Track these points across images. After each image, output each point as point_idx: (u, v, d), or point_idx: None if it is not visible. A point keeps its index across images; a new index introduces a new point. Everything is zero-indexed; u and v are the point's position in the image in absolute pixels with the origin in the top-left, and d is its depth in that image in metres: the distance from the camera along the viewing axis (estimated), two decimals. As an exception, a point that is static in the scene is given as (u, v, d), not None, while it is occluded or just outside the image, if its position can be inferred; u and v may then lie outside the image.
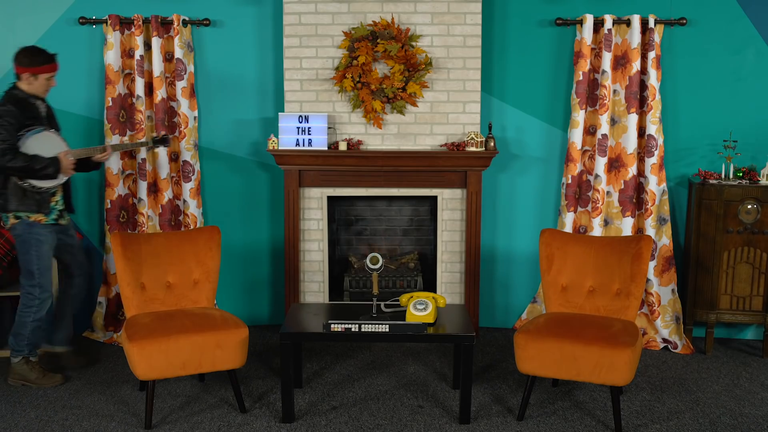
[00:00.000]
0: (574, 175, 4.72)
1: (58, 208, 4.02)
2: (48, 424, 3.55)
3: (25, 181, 3.82)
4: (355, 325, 3.51)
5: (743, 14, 4.63)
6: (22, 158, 3.73)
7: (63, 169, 3.86)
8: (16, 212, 3.87)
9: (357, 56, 4.54)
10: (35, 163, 3.76)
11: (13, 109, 3.78)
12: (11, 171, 3.77)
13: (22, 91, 3.90)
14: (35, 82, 3.89)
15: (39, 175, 3.80)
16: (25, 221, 3.89)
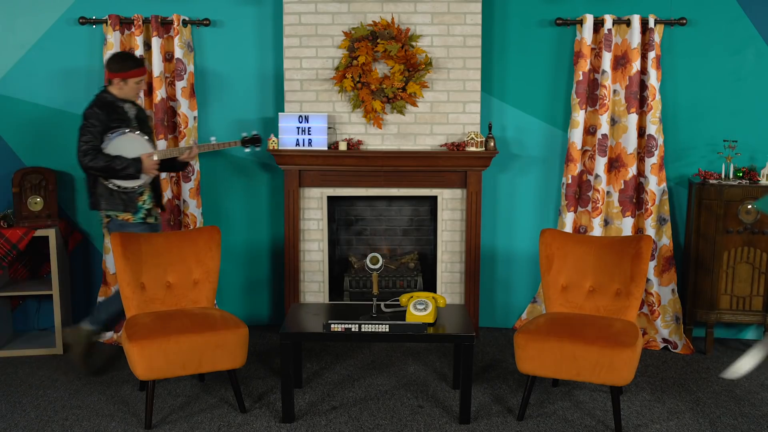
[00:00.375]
0: (574, 175, 4.72)
1: (146, 207, 4.10)
2: (48, 424, 3.55)
3: (110, 181, 3.92)
4: (355, 325, 3.51)
5: (743, 14, 4.63)
6: (102, 158, 3.84)
7: (145, 170, 3.94)
8: (107, 211, 4.01)
9: (357, 56, 4.54)
10: (116, 163, 3.86)
11: (99, 112, 3.89)
12: (93, 171, 3.88)
13: (111, 95, 4.00)
14: (125, 86, 3.98)
15: (120, 175, 3.90)
16: (115, 220, 4.03)
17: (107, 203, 3.98)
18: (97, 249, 4.92)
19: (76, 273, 4.90)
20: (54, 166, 4.71)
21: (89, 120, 3.88)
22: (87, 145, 3.85)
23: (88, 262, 4.93)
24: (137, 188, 4.00)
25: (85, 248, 4.90)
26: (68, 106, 4.75)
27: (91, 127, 3.87)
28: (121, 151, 3.91)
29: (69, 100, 4.75)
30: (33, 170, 4.54)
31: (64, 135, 4.77)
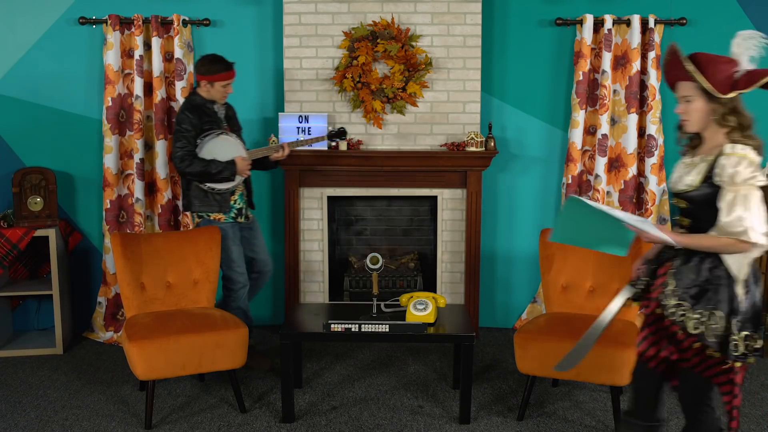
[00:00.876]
0: (575, 175, 4.72)
1: (237, 207, 4.13)
2: (48, 424, 3.55)
3: (205, 184, 3.97)
4: (355, 325, 3.51)
5: (743, 14, 4.63)
6: (199, 164, 3.90)
7: (239, 171, 3.98)
8: (199, 212, 4.07)
9: (357, 56, 4.54)
10: (211, 167, 3.91)
11: (190, 116, 3.93)
12: (190, 176, 3.94)
13: (201, 97, 4.03)
14: (212, 89, 4.01)
15: (216, 179, 3.94)
16: (206, 219, 4.09)
17: (201, 204, 4.04)
18: (97, 249, 4.92)
19: (76, 273, 4.90)
20: (54, 166, 4.71)
21: (182, 125, 3.93)
22: (182, 150, 3.90)
23: (88, 262, 4.93)
24: (230, 189, 4.04)
25: (85, 248, 4.90)
26: (68, 106, 4.75)
27: (184, 132, 3.92)
28: (215, 154, 3.95)
29: (69, 100, 4.75)
30: (33, 170, 4.54)
31: (64, 135, 4.77)
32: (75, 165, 4.81)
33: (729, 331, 2.34)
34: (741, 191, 2.31)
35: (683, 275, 2.42)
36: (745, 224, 2.28)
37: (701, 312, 2.37)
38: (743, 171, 2.31)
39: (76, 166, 4.82)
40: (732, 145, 2.36)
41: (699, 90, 2.40)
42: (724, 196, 2.34)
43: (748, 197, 2.30)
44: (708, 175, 2.40)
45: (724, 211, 2.33)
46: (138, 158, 4.68)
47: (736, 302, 2.35)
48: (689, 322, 2.38)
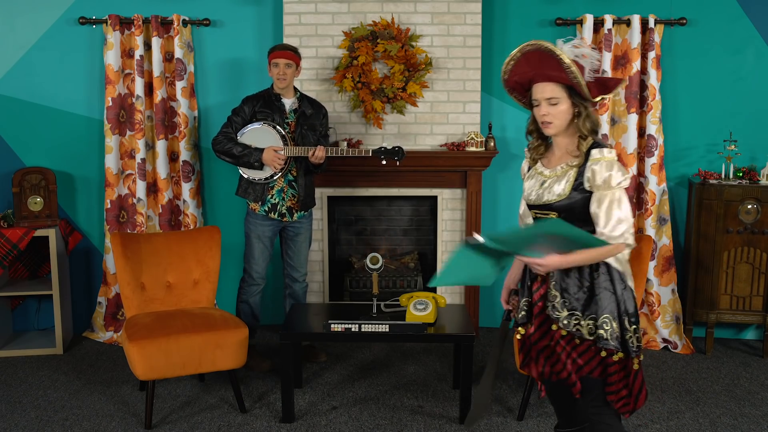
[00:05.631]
0: (574, 175, 4.71)
1: (272, 201, 4.13)
2: (48, 424, 3.55)
3: (240, 170, 4.08)
4: (355, 325, 3.51)
5: (743, 14, 4.63)
6: (225, 144, 4.01)
7: (266, 161, 3.99)
8: (246, 200, 4.16)
9: (357, 56, 4.54)
10: (236, 149, 3.99)
11: (246, 104, 4.07)
12: (218, 154, 4.06)
13: (269, 89, 4.13)
14: (272, 69, 4.06)
15: (240, 162, 4.01)
16: (248, 209, 4.18)
17: (243, 192, 4.13)
18: (97, 249, 4.92)
19: (76, 273, 4.90)
20: (54, 166, 4.71)
21: (234, 111, 4.07)
22: (221, 134, 4.05)
23: (88, 262, 4.93)
24: (263, 181, 4.07)
25: (85, 248, 4.90)
26: (68, 106, 4.75)
27: (233, 116, 4.06)
28: (252, 141, 4.02)
29: (69, 100, 4.75)
30: (33, 170, 4.54)
31: (64, 135, 4.77)
32: (75, 165, 4.81)
33: (624, 330, 2.38)
34: (615, 194, 2.34)
35: (567, 285, 2.43)
36: (623, 227, 2.32)
37: (594, 317, 2.39)
38: (616, 174, 2.34)
39: (76, 166, 4.82)
40: (599, 150, 2.38)
41: (566, 92, 2.39)
42: (601, 202, 2.35)
43: (621, 200, 2.34)
44: (578, 181, 2.39)
45: (602, 217, 2.35)
46: (140, 158, 4.68)
47: (623, 301, 2.39)
48: (584, 329, 2.39)
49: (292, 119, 4.10)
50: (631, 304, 2.41)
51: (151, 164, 4.76)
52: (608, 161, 2.35)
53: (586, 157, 2.39)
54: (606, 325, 2.37)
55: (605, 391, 2.43)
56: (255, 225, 4.15)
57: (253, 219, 4.14)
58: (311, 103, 4.20)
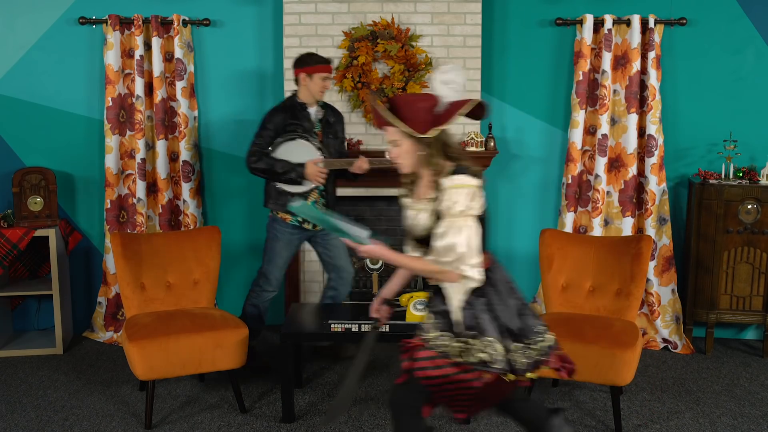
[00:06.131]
0: (574, 175, 4.72)
1: None
2: (48, 424, 3.55)
3: (274, 183, 3.99)
4: (355, 325, 3.51)
5: (743, 14, 4.63)
6: (265, 161, 3.92)
7: (308, 176, 3.94)
8: (272, 209, 4.09)
9: (357, 56, 4.54)
10: (278, 167, 3.91)
11: (276, 116, 3.96)
12: (256, 172, 3.96)
13: (295, 98, 4.04)
14: (311, 82, 3.98)
15: (282, 179, 3.94)
16: (274, 216, 4.10)
17: (273, 202, 4.06)
18: (97, 249, 4.92)
19: (76, 273, 4.90)
20: (54, 166, 4.71)
21: (265, 123, 3.97)
22: (255, 147, 3.94)
23: (88, 262, 4.93)
24: (299, 193, 4.02)
25: (85, 248, 4.91)
26: (68, 106, 4.75)
27: (264, 130, 3.96)
28: (288, 156, 3.95)
29: (69, 100, 4.75)
30: (33, 170, 4.54)
31: (64, 135, 4.77)
32: (75, 165, 4.81)
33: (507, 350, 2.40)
34: (456, 222, 2.35)
35: (436, 306, 2.45)
36: (455, 254, 2.33)
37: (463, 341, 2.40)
38: (461, 201, 2.35)
39: (76, 166, 4.82)
40: (450, 178, 2.40)
41: (402, 133, 2.42)
42: (441, 225, 2.37)
43: (462, 228, 2.34)
44: (436, 212, 2.42)
45: (438, 238, 2.36)
46: (140, 158, 4.68)
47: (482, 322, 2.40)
48: (452, 351, 2.41)
49: (319, 128, 4.08)
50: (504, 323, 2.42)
51: (151, 164, 4.76)
52: (456, 188, 2.36)
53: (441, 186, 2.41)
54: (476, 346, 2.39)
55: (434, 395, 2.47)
56: (284, 233, 4.07)
57: (282, 227, 4.07)
58: (333, 111, 4.18)
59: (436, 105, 2.42)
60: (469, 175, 2.41)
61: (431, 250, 2.39)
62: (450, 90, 2.42)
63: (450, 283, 2.43)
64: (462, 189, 2.36)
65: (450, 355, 2.41)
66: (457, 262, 2.34)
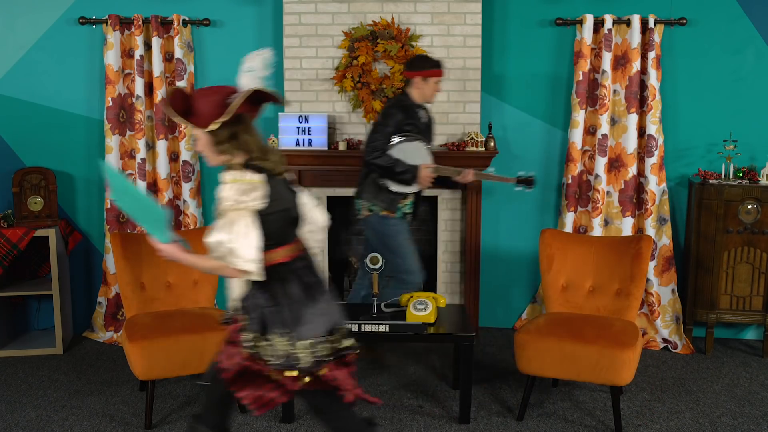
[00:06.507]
0: (574, 175, 4.72)
1: (405, 211, 4.15)
2: (48, 424, 3.55)
3: (383, 180, 4.01)
4: (355, 325, 3.51)
5: (743, 14, 4.62)
6: (387, 159, 3.94)
7: (420, 179, 3.99)
8: (371, 205, 4.09)
9: (357, 56, 4.54)
10: (397, 166, 3.95)
11: (397, 114, 3.97)
12: (374, 167, 3.99)
13: (410, 99, 4.05)
14: (425, 86, 4.02)
15: (397, 178, 3.98)
16: (377, 215, 4.09)
17: (372, 197, 4.07)
18: (97, 249, 4.92)
19: (76, 273, 4.90)
20: (54, 166, 4.71)
21: (386, 120, 3.98)
22: (376, 143, 3.96)
23: (88, 262, 4.93)
24: (403, 193, 4.06)
25: (85, 248, 4.90)
26: (68, 106, 4.75)
27: (385, 127, 3.97)
28: (405, 156, 3.97)
29: (69, 100, 4.75)
30: (33, 170, 4.54)
31: (64, 135, 4.77)
32: (75, 165, 4.81)
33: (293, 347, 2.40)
34: (228, 216, 2.33)
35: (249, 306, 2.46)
36: (225, 249, 2.31)
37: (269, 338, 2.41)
38: (231, 196, 2.33)
39: (76, 166, 4.82)
40: (225, 173, 2.39)
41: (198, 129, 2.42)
42: (216, 221, 2.38)
43: (234, 222, 2.32)
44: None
45: (211, 234, 2.36)
46: (140, 158, 4.68)
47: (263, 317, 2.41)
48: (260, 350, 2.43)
49: (424, 132, 4.12)
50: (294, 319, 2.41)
51: (151, 164, 4.76)
52: (228, 183, 2.36)
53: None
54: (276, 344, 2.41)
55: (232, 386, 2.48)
56: (399, 224, 4.10)
57: (395, 221, 4.09)
58: (429, 115, 4.21)
59: (228, 96, 2.40)
60: (254, 170, 2.40)
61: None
62: (249, 78, 2.41)
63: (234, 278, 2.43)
64: (234, 184, 2.35)
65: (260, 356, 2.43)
66: (229, 257, 2.32)
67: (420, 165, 3.98)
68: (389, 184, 4.02)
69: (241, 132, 2.42)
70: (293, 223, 2.57)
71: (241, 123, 2.43)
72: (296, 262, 2.52)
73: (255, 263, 2.33)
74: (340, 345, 2.50)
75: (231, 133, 2.40)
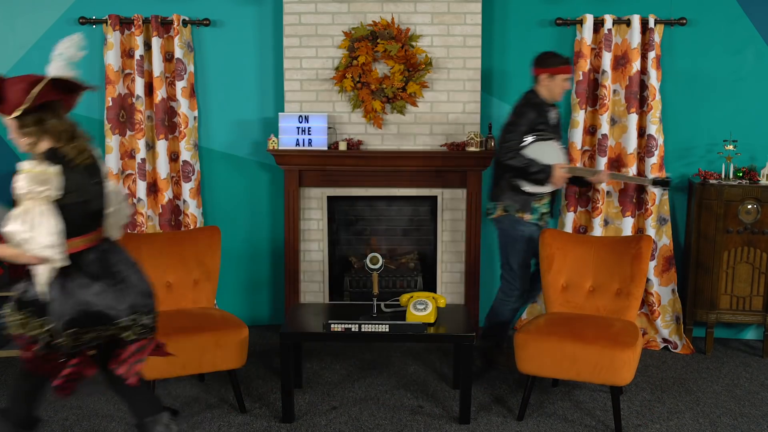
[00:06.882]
0: (574, 175, 4.72)
1: (542, 211, 4.13)
2: (48, 424, 3.54)
3: (516, 180, 3.99)
4: (355, 325, 3.51)
5: (743, 14, 4.62)
6: (521, 159, 3.93)
7: (553, 179, 3.96)
8: (506, 206, 4.07)
9: (357, 56, 4.54)
10: (531, 167, 3.93)
11: (530, 113, 3.97)
12: (508, 168, 3.98)
13: (539, 97, 4.03)
14: (552, 83, 4.00)
15: (530, 178, 3.97)
16: (511, 216, 4.07)
17: (508, 198, 4.05)
18: (97, 249, 4.91)
19: (76, 273, 4.89)
20: (54, 166, 4.71)
21: (519, 119, 3.96)
22: (510, 143, 3.94)
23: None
24: (538, 194, 4.04)
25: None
26: (68, 106, 4.75)
27: (519, 126, 3.95)
28: (538, 156, 3.95)
29: (69, 100, 4.74)
30: (33, 170, 4.53)
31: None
32: (75, 165, 4.81)
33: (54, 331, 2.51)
34: (24, 205, 2.40)
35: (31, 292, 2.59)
36: (20, 237, 2.38)
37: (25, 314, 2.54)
38: (24, 186, 2.40)
39: (76, 166, 4.81)
40: (22, 162, 2.46)
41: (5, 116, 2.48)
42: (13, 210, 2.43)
43: (28, 211, 2.39)
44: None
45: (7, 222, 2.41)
46: (140, 158, 4.68)
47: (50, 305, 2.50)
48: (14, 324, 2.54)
49: (554, 131, 4.11)
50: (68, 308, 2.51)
51: (151, 164, 4.76)
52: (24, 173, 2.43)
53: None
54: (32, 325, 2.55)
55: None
56: (527, 231, 4.07)
57: (524, 227, 4.07)
58: (557, 113, 4.19)
59: (34, 84, 2.43)
60: (55, 159, 2.46)
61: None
62: (57, 65, 2.45)
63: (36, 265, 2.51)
64: (29, 174, 2.41)
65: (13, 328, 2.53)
66: (27, 245, 2.39)
67: (554, 165, 3.94)
68: (522, 184, 3.99)
69: (48, 119, 2.48)
70: (94, 213, 2.62)
71: (48, 110, 2.48)
72: (91, 252, 2.59)
73: (53, 249, 2.41)
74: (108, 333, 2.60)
75: (36, 120, 2.47)
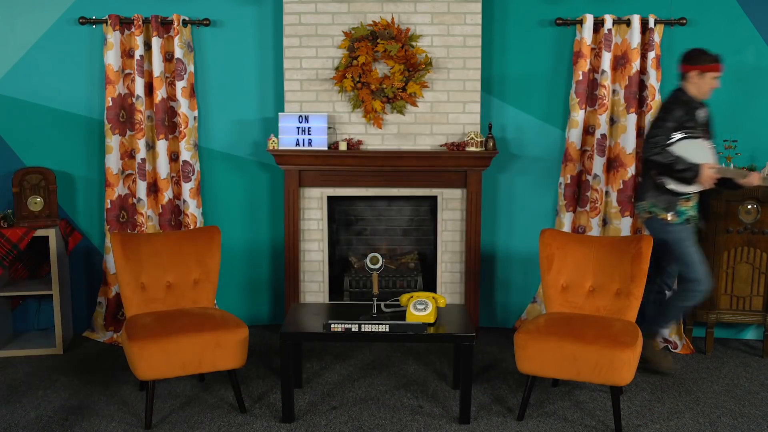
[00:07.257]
0: (573, 175, 4.72)
1: (689, 213, 4.04)
2: (48, 424, 3.55)
3: (661, 178, 3.93)
4: (355, 325, 3.51)
5: (743, 14, 4.63)
6: (668, 156, 3.83)
7: (701, 179, 3.87)
8: (651, 207, 4.01)
9: (357, 56, 4.54)
10: (677, 164, 3.83)
11: (678, 110, 3.88)
12: (653, 164, 3.89)
13: (687, 94, 3.97)
14: (701, 81, 3.94)
15: (676, 176, 3.88)
16: (656, 218, 4.01)
17: (652, 197, 3.99)
18: (97, 249, 4.92)
19: (76, 273, 4.90)
20: (54, 166, 4.71)
21: (666, 115, 3.88)
22: (656, 138, 3.85)
23: (88, 262, 4.93)
24: (684, 194, 3.96)
25: (85, 248, 4.91)
26: (68, 106, 4.75)
27: (666, 122, 3.87)
28: (686, 154, 3.88)
29: (69, 100, 4.75)
30: (33, 170, 4.54)
31: (64, 135, 4.77)
32: (75, 165, 4.81)
33: None
34: None
35: None
36: None
37: None
38: None
39: (76, 166, 4.82)
40: None
41: None
42: None
43: None
44: None
45: None
46: (140, 158, 4.68)
47: None
48: None
49: (702, 130, 4.03)
50: None
51: (151, 164, 4.76)
52: None
53: None
54: None
55: None
56: (682, 230, 3.99)
57: (678, 227, 3.98)
58: (707, 112, 4.10)
59: None
60: None
61: None
62: None
63: None
64: None
65: None
66: None
67: (702, 164, 3.85)
68: (668, 182, 3.92)
69: None
70: None
71: None
72: None
73: None
74: None
75: None
